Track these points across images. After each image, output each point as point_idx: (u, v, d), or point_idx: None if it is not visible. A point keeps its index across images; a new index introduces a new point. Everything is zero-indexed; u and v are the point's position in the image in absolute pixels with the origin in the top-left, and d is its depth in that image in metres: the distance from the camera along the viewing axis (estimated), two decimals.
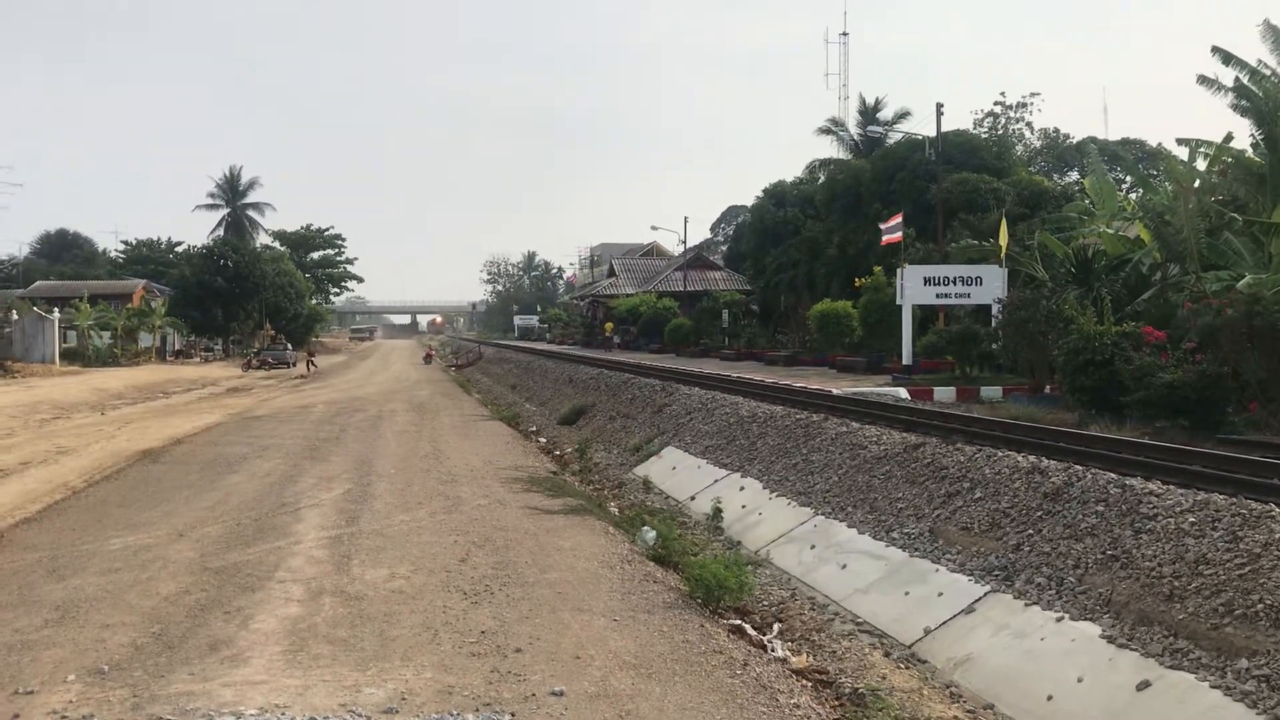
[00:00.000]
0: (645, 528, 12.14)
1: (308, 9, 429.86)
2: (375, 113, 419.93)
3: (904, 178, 39.57)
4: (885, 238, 32.32)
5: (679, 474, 17.32)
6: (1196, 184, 25.28)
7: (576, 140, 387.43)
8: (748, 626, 8.79)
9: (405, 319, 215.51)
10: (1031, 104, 64.03)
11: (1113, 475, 10.01)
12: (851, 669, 8.22)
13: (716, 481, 15.91)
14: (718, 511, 13.53)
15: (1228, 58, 24.57)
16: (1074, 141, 60.72)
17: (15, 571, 9.71)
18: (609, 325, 59.45)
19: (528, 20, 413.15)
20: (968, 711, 7.46)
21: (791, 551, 12.04)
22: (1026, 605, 8.56)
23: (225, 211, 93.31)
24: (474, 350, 75.48)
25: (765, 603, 10.18)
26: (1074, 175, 56.19)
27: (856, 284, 34.13)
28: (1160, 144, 39.69)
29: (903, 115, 52.23)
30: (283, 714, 6.06)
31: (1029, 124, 63.57)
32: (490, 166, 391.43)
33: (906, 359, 26.76)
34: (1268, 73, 24.23)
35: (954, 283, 26.66)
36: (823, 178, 51.94)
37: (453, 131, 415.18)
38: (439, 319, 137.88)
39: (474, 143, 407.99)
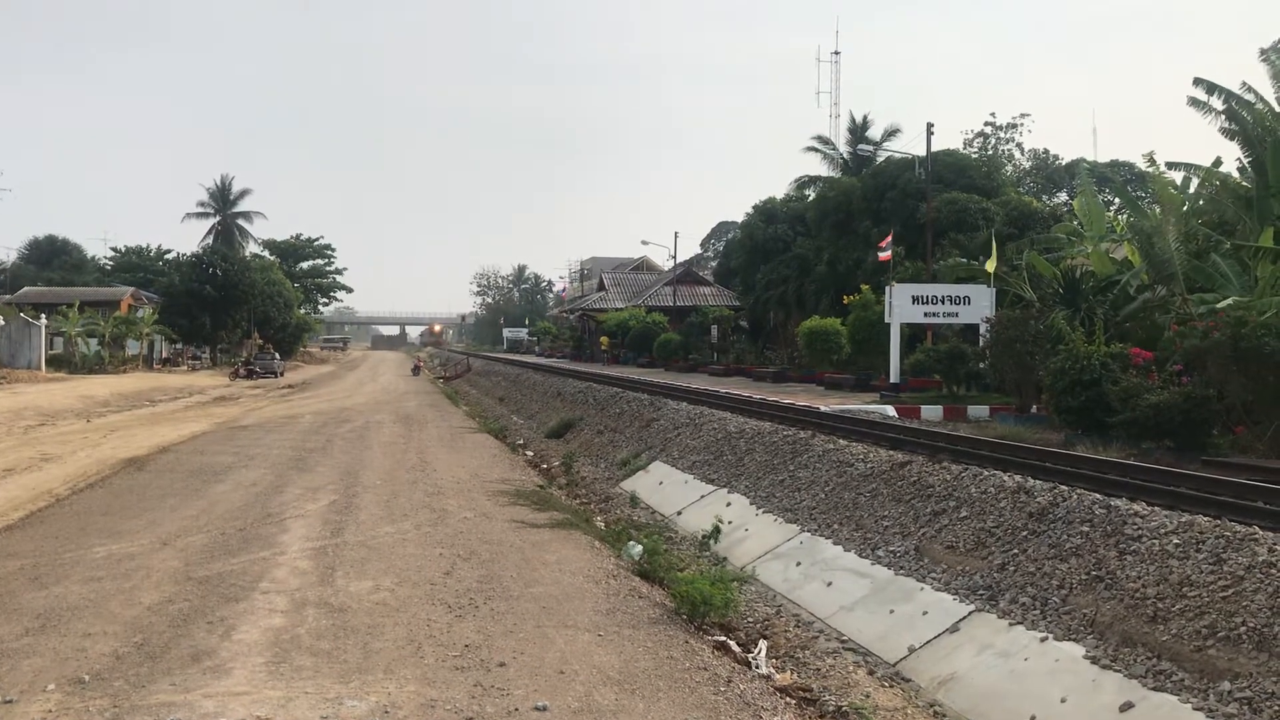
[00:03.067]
0: (631, 542, 12.13)
1: (301, 20, 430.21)
2: (366, 125, 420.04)
3: (894, 196, 39.74)
4: (881, 255, 32.62)
5: (666, 489, 17.31)
6: (1185, 207, 25.43)
7: (568, 154, 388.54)
8: (732, 643, 8.79)
9: (394, 330, 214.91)
10: (1021, 125, 64.42)
11: (1098, 496, 10.04)
12: (835, 687, 8.21)
13: (703, 497, 15.90)
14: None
15: (1211, 88, 24.73)
16: (1063, 163, 61.07)
17: None
18: (605, 339, 59.42)
19: (520, 36, 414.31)
20: None
21: (777, 568, 12.03)
22: (1011, 625, 8.57)
23: (215, 220, 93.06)
24: (462, 362, 75.44)
25: (750, 619, 10.16)
26: (1063, 196, 56.45)
27: (845, 301, 34.23)
28: (1152, 152, 39.44)
29: (892, 133, 52.56)
30: None
31: (1019, 145, 63.93)
32: (481, 179, 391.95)
33: (894, 377, 26.82)
34: (1253, 99, 24.40)
35: (942, 302, 26.76)
36: (811, 194, 52.14)
37: (444, 144, 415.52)
38: (438, 326, 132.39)
39: (465, 156, 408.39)
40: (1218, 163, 27.16)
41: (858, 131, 54.52)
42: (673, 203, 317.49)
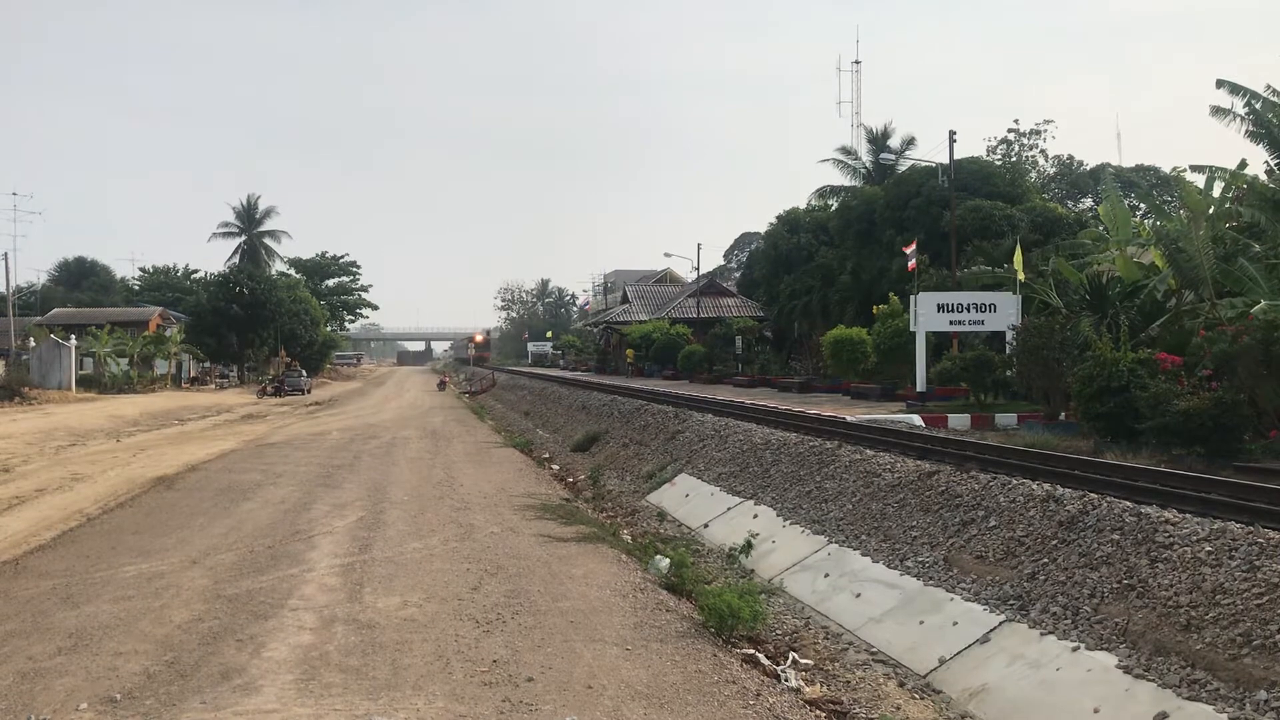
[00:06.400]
0: (658, 556, 12.10)
1: (325, 40, 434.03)
2: (391, 142, 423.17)
3: (918, 204, 39.57)
4: (909, 264, 32.48)
5: (692, 501, 17.28)
6: (1211, 210, 25.18)
7: (591, 168, 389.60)
8: (761, 656, 8.74)
9: (420, 345, 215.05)
10: (1045, 131, 64.03)
11: (1128, 503, 9.95)
12: (865, 699, 8.16)
13: (730, 509, 15.86)
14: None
15: (1235, 89, 24.51)
16: (1088, 168, 60.69)
17: (29, 599, 9.74)
18: (630, 352, 59.49)
19: (542, 51, 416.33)
20: None
21: (805, 580, 11.98)
22: (1042, 635, 8.50)
23: (242, 239, 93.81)
24: (487, 377, 75.67)
25: (778, 632, 10.13)
26: (1088, 202, 56.12)
27: (875, 310, 34.06)
28: (1176, 167, 39.20)
29: (913, 142, 52.35)
30: None
31: (1043, 151, 63.57)
32: (506, 194, 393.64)
33: (921, 386, 26.66)
34: (1278, 100, 24.15)
35: (968, 309, 26.60)
36: (834, 204, 52.00)
37: (468, 160, 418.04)
38: (480, 336, 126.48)
39: (489, 171, 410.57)
40: (1242, 165, 26.88)
41: (879, 140, 54.34)
42: (695, 214, 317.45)
